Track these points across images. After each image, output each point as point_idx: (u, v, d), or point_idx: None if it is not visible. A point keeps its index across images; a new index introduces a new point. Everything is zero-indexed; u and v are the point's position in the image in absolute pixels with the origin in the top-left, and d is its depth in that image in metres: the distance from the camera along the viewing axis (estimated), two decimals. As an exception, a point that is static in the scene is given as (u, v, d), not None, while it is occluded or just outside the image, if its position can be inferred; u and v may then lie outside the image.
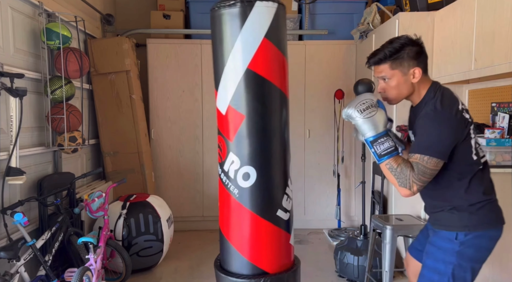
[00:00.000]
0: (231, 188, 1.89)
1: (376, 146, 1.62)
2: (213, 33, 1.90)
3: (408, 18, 3.23)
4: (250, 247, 1.89)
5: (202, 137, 4.53)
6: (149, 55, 4.43)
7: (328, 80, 4.55)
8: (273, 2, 1.80)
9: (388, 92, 1.72)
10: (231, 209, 1.93)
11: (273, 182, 1.88)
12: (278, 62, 1.85)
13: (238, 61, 1.79)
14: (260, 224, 1.87)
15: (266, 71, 1.81)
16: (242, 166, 1.83)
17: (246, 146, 1.83)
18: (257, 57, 1.78)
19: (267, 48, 1.79)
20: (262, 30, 1.78)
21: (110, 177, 4.05)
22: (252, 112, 1.81)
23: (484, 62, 2.55)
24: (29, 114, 2.85)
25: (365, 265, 3.05)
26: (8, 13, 2.65)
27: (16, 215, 2.31)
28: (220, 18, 1.84)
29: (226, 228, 1.97)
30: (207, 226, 4.55)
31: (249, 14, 1.76)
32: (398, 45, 1.66)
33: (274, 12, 1.80)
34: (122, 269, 3.13)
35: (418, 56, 1.67)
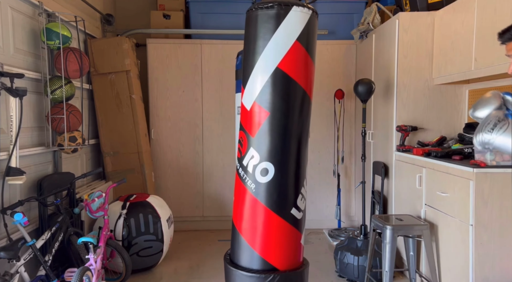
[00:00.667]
0: (248, 183, 1.94)
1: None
2: (247, 33, 1.99)
3: (408, 18, 3.23)
4: (262, 242, 1.93)
5: (202, 137, 4.53)
6: (149, 55, 4.43)
7: (328, 80, 4.55)
8: (308, 9, 1.92)
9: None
10: (246, 203, 1.98)
11: (290, 180, 1.93)
12: (306, 65, 1.94)
13: (269, 59, 1.89)
14: (274, 220, 1.90)
15: (294, 72, 1.90)
16: (261, 161, 1.90)
17: (267, 142, 1.90)
18: (287, 57, 1.88)
19: (297, 50, 1.90)
20: (295, 33, 1.88)
21: (110, 177, 4.05)
22: (276, 110, 1.89)
23: (484, 62, 2.55)
24: (29, 114, 2.85)
25: (365, 265, 3.05)
26: (8, 13, 2.65)
27: (16, 215, 2.31)
28: (256, 19, 1.93)
29: (239, 221, 2.00)
30: (207, 226, 4.55)
31: (285, 16, 1.87)
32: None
33: (308, 18, 1.91)
34: (122, 269, 3.13)
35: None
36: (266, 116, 1.89)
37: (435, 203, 2.70)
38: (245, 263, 1.96)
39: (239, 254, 2.00)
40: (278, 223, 1.90)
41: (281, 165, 1.88)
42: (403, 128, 3.20)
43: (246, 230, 1.97)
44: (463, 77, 2.82)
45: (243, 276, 1.92)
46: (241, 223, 1.99)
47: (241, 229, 1.99)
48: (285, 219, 1.90)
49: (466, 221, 2.32)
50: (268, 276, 1.87)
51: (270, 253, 1.92)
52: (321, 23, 4.58)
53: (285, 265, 1.93)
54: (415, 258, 2.79)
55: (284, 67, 1.87)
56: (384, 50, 3.55)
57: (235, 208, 2.03)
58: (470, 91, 3.24)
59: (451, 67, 2.97)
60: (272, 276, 1.86)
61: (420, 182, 2.87)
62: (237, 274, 1.94)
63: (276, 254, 1.92)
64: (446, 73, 3.04)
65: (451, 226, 2.49)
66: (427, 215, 2.81)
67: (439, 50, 3.15)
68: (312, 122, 4.58)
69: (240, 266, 1.97)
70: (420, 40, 3.22)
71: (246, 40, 2.00)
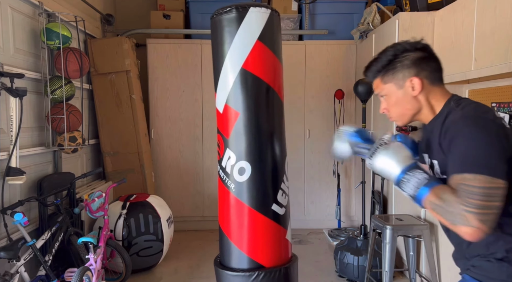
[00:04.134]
0: (228, 183, 1.99)
1: (404, 187, 1.22)
2: (213, 39, 2.05)
3: (408, 18, 3.23)
4: (247, 241, 1.96)
5: (202, 138, 4.53)
6: (149, 55, 4.43)
7: (328, 80, 4.55)
8: (266, 9, 1.96)
9: (390, 111, 1.40)
10: (229, 203, 2.02)
11: (267, 177, 1.97)
12: (271, 63, 1.99)
13: (234, 61, 1.94)
14: (256, 217, 1.93)
15: (260, 71, 1.94)
16: (238, 160, 1.94)
17: (241, 141, 1.94)
18: (251, 57, 1.92)
19: (260, 49, 1.94)
20: (255, 33, 1.93)
21: (110, 177, 4.05)
22: (246, 109, 1.93)
23: (484, 62, 2.55)
24: (29, 114, 2.85)
25: (365, 265, 3.05)
26: (8, 13, 2.65)
27: (16, 215, 2.31)
28: (219, 24, 1.99)
29: (225, 223, 2.03)
30: (207, 226, 4.55)
31: (244, 18, 1.92)
32: (390, 54, 1.35)
33: (267, 17, 1.96)
34: (122, 269, 3.13)
35: (418, 63, 1.33)
36: (237, 116, 1.94)
37: (435, 203, 2.69)
38: (233, 263, 1.99)
39: (227, 255, 2.04)
40: (260, 220, 1.94)
41: (256, 162, 1.93)
42: (403, 129, 3.20)
43: (231, 231, 2.02)
44: (463, 77, 2.82)
45: (229, 276, 1.94)
46: (226, 224, 2.04)
47: (227, 230, 2.02)
48: (267, 215, 1.94)
49: (466, 221, 2.31)
50: (253, 274, 1.88)
51: (255, 251, 1.95)
52: (321, 23, 4.58)
53: (271, 261, 1.95)
54: (415, 258, 2.79)
55: (248, 66, 1.92)
56: (384, 50, 3.55)
57: (220, 209, 2.09)
58: (470, 91, 3.24)
59: (451, 67, 2.97)
60: (256, 274, 1.88)
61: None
62: (223, 275, 1.97)
63: (261, 251, 1.95)
64: (446, 73, 3.01)
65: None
66: (427, 215, 2.81)
67: (439, 50, 3.13)
68: (312, 122, 4.58)
69: (228, 267, 2.00)
70: (420, 40, 3.21)
71: (212, 47, 2.06)
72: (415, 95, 1.33)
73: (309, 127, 4.58)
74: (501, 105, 2.91)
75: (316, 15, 4.58)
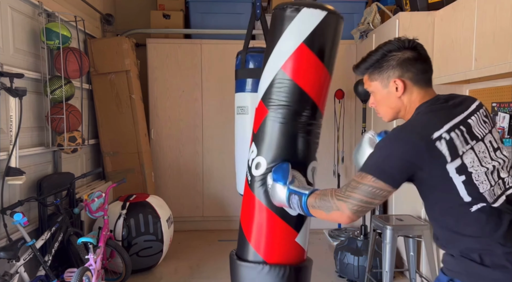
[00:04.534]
0: (248, 175, 2.00)
1: (292, 205, 1.57)
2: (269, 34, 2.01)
3: (408, 18, 3.23)
4: (255, 233, 1.96)
5: (202, 138, 4.53)
6: (149, 55, 4.43)
7: (328, 80, 4.55)
8: (322, 10, 1.82)
9: (377, 107, 1.47)
10: (245, 194, 2.03)
11: None
12: (315, 71, 1.89)
13: (275, 60, 1.90)
14: (264, 212, 1.92)
15: (298, 77, 1.87)
16: (257, 155, 1.94)
17: (262, 138, 1.94)
18: (291, 60, 1.85)
19: (303, 54, 1.85)
20: (302, 35, 1.83)
21: (110, 177, 4.04)
22: (275, 111, 1.91)
23: (484, 62, 2.55)
24: (28, 114, 2.85)
25: (365, 265, 3.05)
26: (8, 13, 2.65)
27: (15, 215, 2.31)
28: (274, 20, 1.94)
29: (242, 214, 2.06)
30: (207, 226, 4.54)
31: (294, 18, 1.84)
32: (379, 53, 1.40)
33: (319, 20, 1.83)
34: (122, 269, 3.12)
35: (405, 64, 1.36)
36: (265, 114, 1.93)
37: (435, 203, 2.69)
38: (243, 254, 2.01)
39: (240, 245, 2.07)
40: (267, 215, 1.93)
41: (272, 160, 1.90)
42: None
43: (243, 221, 2.04)
44: (463, 77, 2.82)
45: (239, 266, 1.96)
46: (242, 214, 2.06)
47: (242, 220, 2.05)
48: (275, 212, 1.93)
49: (466, 221, 2.31)
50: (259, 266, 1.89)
51: (260, 245, 1.95)
52: (321, 23, 4.57)
53: (274, 259, 1.94)
54: (415, 258, 2.79)
55: (286, 69, 1.86)
56: (384, 50, 3.54)
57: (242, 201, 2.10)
58: (470, 91, 3.23)
59: (451, 67, 2.97)
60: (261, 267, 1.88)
61: (420, 182, 2.86)
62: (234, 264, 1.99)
63: (266, 247, 1.94)
64: (446, 73, 3.04)
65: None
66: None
67: (439, 50, 3.15)
68: (312, 122, 4.57)
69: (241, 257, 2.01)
70: (420, 40, 3.20)
71: (266, 42, 2.04)
72: (398, 96, 1.37)
73: (309, 127, 4.57)
74: (501, 105, 2.90)
75: (316, 15, 4.57)
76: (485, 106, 1.39)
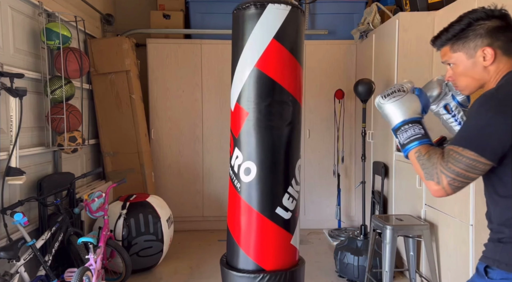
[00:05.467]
0: (235, 182, 1.95)
1: (400, 135, 1.34)
2: (233, 35, 1.99)
3: (408, 18, 3.23)
4: (250, 242, 1.92)
5: (202, 138, 4.53)
6: (149, 55, 4.43)
7: (328, 80, 4.55)
8: (286, 5, 1.84)
9: (456, 80, 1.38)
10: (235, 203, 1.98)
11: (274, 179, 1.91)
12: (287, 63, 1.89)
13: (247, 59, 1.87)
14: (260, 219, 1.89)
15: (273, 72, 1.85)
16: (244, 160, 1.89)
17: (248, 142, 1.89)
18: (264, 57, 1.84)
19: (276, 49, 1.84)
20: (271, 31, 1.83)
21: (110, 177, 4.04)
22: (256, 110, 1.86)
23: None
24: (29, 114, 2.85)
25: (365, 265, 3.05)
26: (8, 13, 2.65)
27: (16, 215, 2.31)
28: (237, 20, 1.93)
29: (231, 222, 2.02)
30: (207, 226, 4.54)
31: (261, 15, 1.83)
32: (464, 22, 1.30)
33: (286, 15, 1.84)
34: (122, 269, 3.13)
35: (494, 33, 1.27)
36: (246, 116, 1.88)
37: (435, 203, 2.69)
38: (237, 264, 1.96)
39: (230, 253, 2.01)
40: (263, 222, 1.89)
41: (263, 164, 1.86)
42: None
43: (236, 230, 1.97)
44: (463, 77, 2.82)
45: (233, 277, 1.92)
46: (231, 223, 2.00)
47: (232, 229, 1.99)
48: (270, 218, 1.89)
49: (466, 221, 2.32)
50: (258, 276, 1.85)
51: (256, 253, 1.91)
52: (321, 23, 4.58)
53: (272, 265, 1.91)
54: (415, 258, 2.79)
55: (261, 66, 1.84)
56: (384, 50, 3.55)
57: (228, 208, 2.05)
58: (470, 91, 3.24)
59: (451, 67, 2.97)
60: (261, 276, 1.85)
61: (420, 182, 2.87)
62: (228, 274, 1.95)
63: (262, 254, 1.91)
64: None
65: (451, 226, 2.49)
66: (427, 215, 2.81)
67: (439, 50, 3.15)
68: (312, 122, 4.58)
69: (231, 265, 1.98)
70: (420, 40, 3.22)
71: (232, 43, 2.00)
72: (486, 65, 1.29)
73: (309, 127, 4.58)
74: (501, 105, 2.90)
75: (316, 15, 4.58)
76: None
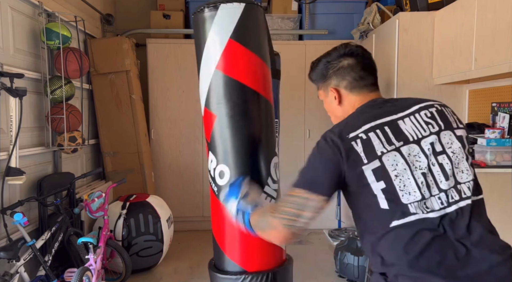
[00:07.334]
0: (213, 186, 1.95)
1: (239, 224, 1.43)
2: (194, 40, 1.97)
3: (408, 18, 3.23)
4: (228, 244, 1.92)
5: (202, 138, 4.53)
6: (149, 55, 4.43)
7: (328, 80, 4.55)
8: (240, 3, 1.80)
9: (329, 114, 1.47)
10: (214, 206, 1.98)
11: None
12: (248, 62, 1.84)
13: (207, 63, 1.84)
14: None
15: (234, 72, 1.82)
16: (218, 164, 1.89)
17: (219, 145, 1.88)
18: (223, 57, 1.80)
19: (233, 49, 1.80)
20: (227, 32, 1.80)
21: (110, 177, 4.04)
22: (222, 112, 1.84)
23: (484, 62, 2.55)
24: (29, 114, 2.85)
25: (365, 265, 3.05)
26: (8, 13, 2.65)
27: (16, 215, 2.30)
28: (195, 24, 1.90)
29: (213, 225, 2.01)
30: (207, 226, 4.52)
31: (215, 17, 1.80)
32: (316, 61, 1.40)
33: (240, 13, 1.80)
34: (122, 269, 3.13)
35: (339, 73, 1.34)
36: (214, 119, 1.86)
37: (435, 203, 2.69)
38: (219, 265, 1.97)
39: (216, 257, 2.01)
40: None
41: (235, 166, 1.84)
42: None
43: (216, 232, 1.98)
44: (463, 77, 2.82)
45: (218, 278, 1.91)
46: (213, 226, 2.01)
47: (214, 232, 2.01)
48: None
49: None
50: (239, 277, 1.84)
51: (234, 254, 1.90)
52: (321, 23, 4.58)
53: (252, 266, 1.89)
54: (415, 258, 2.78)
55: (221, 68, 1.81)
56: (384, 50, 3.55)
57: (211, 212, 2.05)
58: (470, 91, 3.24)
59: (451, 67, 2.97)
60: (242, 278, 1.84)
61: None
62: (214, 276, 1.95)
63: (241, 255, 1.89)
64: (446, 73, 3.04)
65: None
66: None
67: (439, 50, 3.15)
68: (312, 123, 4.58)
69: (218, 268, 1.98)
70: (420, 40, 3.22)
71: (195, 47, 1.97)
72: (337, 104, 1.37)
73: (309, 127, 4.57)
74: (501, 105, 2.90)
75: (316, 15, 4.58)
76: (441, 107, 1.26)
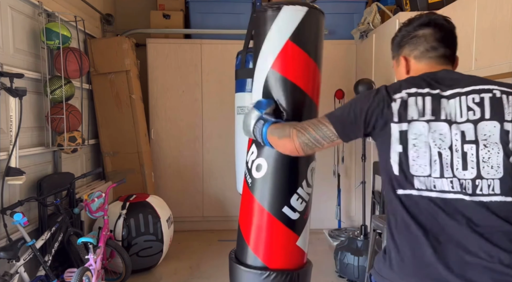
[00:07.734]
0: (247, 177, 1.98)
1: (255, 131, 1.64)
2: (253, 39, 2.04)
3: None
4: (253, 237, 1.93)
5: (202, 138, 4.53)
6: (149, 55, 4.42)
7: (328, 80, 4.53)
8: (302, 7, 1.87)
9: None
10: (244, 198, 2.01)
11: (283, 178, 1.93)
12: (304, 64, 1.92)
13: (264, 61, 1.91)
14: (264, 215, 1.92)
15: (289, 72, 1.88)
16: (257, 157, 1.92)
17: None
18: (280, 58, 1.86)
19: (291, 50, 1.87)
20: (287, 32, 1.85)
21: (110, 177, 4.04)
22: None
23: (485, 62, 2.55)
24: (28, 114, 2.85)
25: (365, 265, 3.05)
26: (8, 13, 2.65)
27: (15, 215, 2.30)
28: (256, 22, 1.96)
29: (240, 216, 2.05)
30: (207, 226, 4.54)
31: (276, 17, 1.86)
32: (398, 30, 1.41)
33: (302, 16, 1.87)
34: (122, 269, 3.12)
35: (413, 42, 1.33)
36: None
37: (435, 203, 2.69)
38: (242, 257, 1.98)
39: (238, 247, 2.03)
40: (268, 219, 1.91)
41: (273, 162, 1.89)
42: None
43: (243, 224, 2.02)
44: (463, 77, 2.82)
45: (241, 271, 1.94)
46: (240, 217, 2.04)
47: (241, 223, 2.04)
48: (276, 216, 1.91)
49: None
50: (264, 273, 1.87)
51: (258, 249, 1.93)
52: (321, 23, 4.57)
53: (274, 264, 1.92)
54: (415, 258, 2.78)
55: (277, 68, 1.88)
56: (384, 50, 3.55)
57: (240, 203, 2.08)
58: (470, 91, 3.23)
59: (451, 67, 2.96)
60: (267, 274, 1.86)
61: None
62: (236, 268, 1.97)
63: (264, 251, 1.92)
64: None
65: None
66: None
67: (439, 50, 3.14)
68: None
69: (239, 260, 1.99)
70: (420, 40, 3.21)
71: (253, 46, 2.06)
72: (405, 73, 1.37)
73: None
74: (502, 105, 2.90)
75: (316, 15, 4.57)
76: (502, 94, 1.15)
